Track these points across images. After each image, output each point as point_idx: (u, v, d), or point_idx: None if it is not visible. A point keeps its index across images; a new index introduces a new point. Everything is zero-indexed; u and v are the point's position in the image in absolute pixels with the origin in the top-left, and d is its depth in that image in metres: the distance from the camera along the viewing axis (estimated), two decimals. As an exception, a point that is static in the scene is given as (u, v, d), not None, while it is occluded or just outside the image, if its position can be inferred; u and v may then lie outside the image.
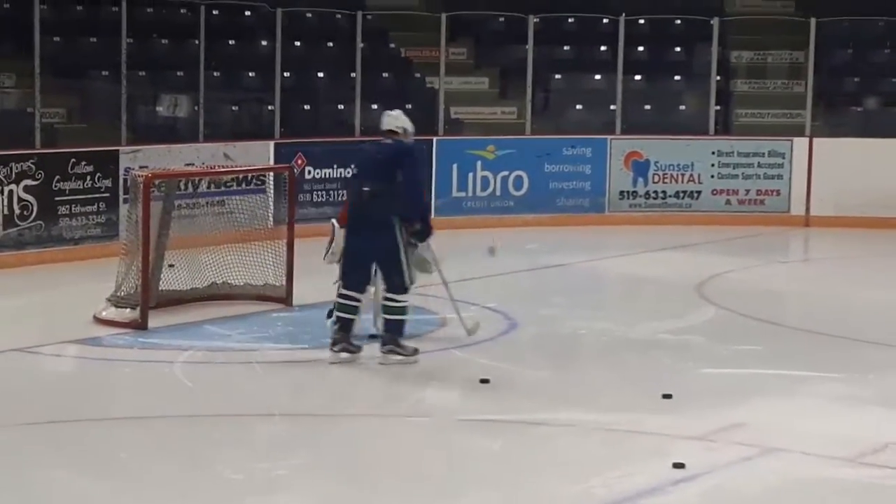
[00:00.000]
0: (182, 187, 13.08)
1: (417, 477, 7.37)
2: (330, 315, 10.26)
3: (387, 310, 9.86)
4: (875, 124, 18.68)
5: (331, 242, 10.32)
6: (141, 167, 13.53)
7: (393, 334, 9.89)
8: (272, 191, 13.14)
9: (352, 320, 9.89)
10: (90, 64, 17.06)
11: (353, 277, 9.89)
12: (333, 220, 10.41)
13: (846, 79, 19.83)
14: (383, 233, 9.73)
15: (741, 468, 7.59)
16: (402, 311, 9.87)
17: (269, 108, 16.96)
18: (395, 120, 10.27)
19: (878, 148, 17.41)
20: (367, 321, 10.38)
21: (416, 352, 9.91)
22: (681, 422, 8.38)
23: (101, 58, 16.77)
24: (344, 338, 9.89)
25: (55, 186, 13.86)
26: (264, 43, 17.68)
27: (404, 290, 9.83)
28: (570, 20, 20.35)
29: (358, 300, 9.89)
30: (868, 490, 7.26)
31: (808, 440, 7.99)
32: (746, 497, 7.15)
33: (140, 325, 10.78)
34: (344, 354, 9.88)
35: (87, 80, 17.00)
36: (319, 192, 16.14)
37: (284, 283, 11.80)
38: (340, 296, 9.92)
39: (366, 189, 9.78)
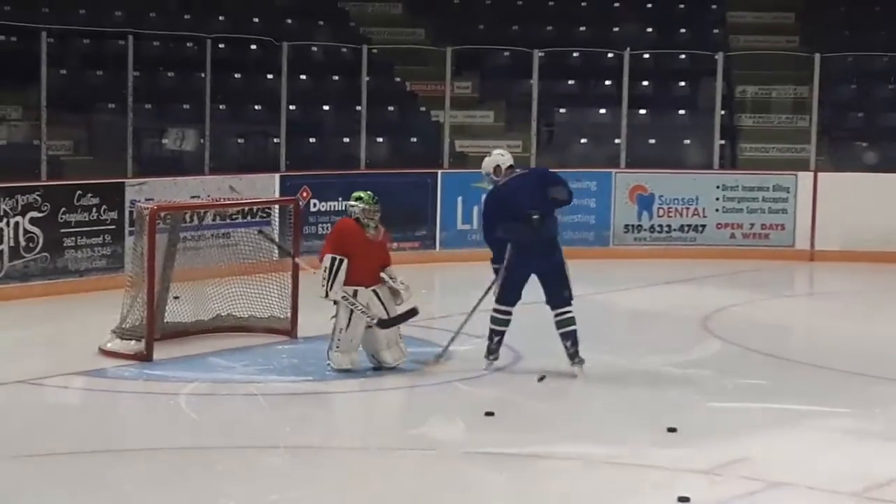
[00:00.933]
0: (187, 220, 13.10)
1: (422, 510, 7.36)
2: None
3: (567, 322, 10.66)
4: (880, 159, 18.70)
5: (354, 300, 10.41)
6: (147, 199, 13.56)
7: (576, 344, 10.61)
8: (277, 223, 13.15)
9: (504, 333, 10.79)
10: (96, 97, 17.11)
11: (513, 295, 10.77)
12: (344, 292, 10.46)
13: (850, 114, 19.87)
14: (555, 250, 10.76)
15: (746, 502, 7.57)
16: (574, 320, 10.67)
17: (275, 140, 17.00)
18: (506, 156, 11.23)
19: (883, 183, 17.42)
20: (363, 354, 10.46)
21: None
22: (686, 455, 8.36)
23: (108, 91, 16.83)
24: (497, 348, 10.77)
25: (61, 218, 13.89)
26: (270, 76, 17.73)
27: (571, 300, 10.71)
28: (574, 55, 20.42)
29: (511, 315, 10.79)
30: (874, 524, 7.24)
31: (814, 474, 7.97)
32: None
33: (145, 357, 10.78)
34: (495, 363, 10.76)
35: (94, 113, 17.06)
36: (324, 225, 16.14)
37: (289, 315, 11.80)
38: (496, 311, 10.80)
39: (535, 216, 10.61)
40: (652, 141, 19.15)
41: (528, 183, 10.87)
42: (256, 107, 18.27)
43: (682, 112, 19.79)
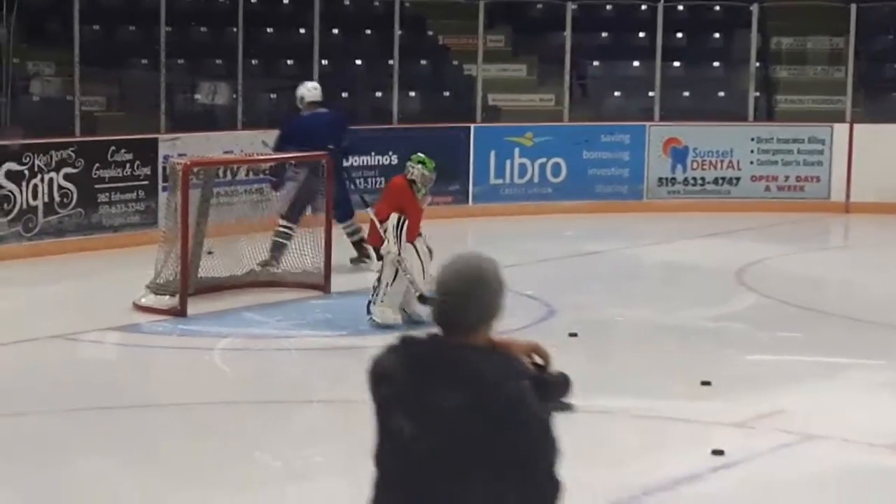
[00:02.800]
0: (221, 175, 13.11)
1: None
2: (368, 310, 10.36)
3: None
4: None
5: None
6: (180, 155, 13.56)
7: None
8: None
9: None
10: (129, 52, 17.13)
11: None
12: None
13: (887, 65, 19.69)
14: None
15: (781, 455, 7.56)
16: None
17: (307, 95, 16.96)
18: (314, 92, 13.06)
19: (919, 134, 17.28)
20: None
21: None
22: (720, 408, 8.34)
23: (140, 46, 16.83)
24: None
25: (95, 174, 13.91)
26: (302, 31, 17.69)
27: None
28: (608, 7, 20.29)
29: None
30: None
31: (849, 427, 7.94)
32: (786, 483, 7.12)
33: (179, 313, 10.82)
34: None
35: (127, 69, 17.07)
36: (357, 180, 16.14)
37: (322, 270, 11.81)
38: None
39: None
40: (686, 93, 19.03)
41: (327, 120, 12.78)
42: (289, 61, 18.24)
43: (716, 64, 19.66)
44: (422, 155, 10.70)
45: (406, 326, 10.42)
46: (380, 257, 10.57)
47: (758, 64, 18.35)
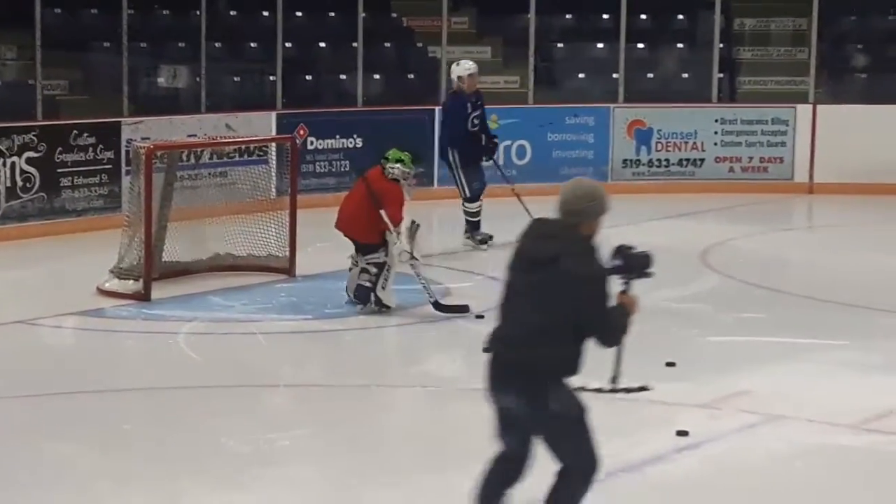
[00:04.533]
0: (184, 159, 13.05)
1: (423, 447, 7.38)
2: (361, 297, 10.43)
3: None
4: (879, 91, 18.61)
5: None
6: (143, 139, 13.49)
7: None
8: (274, 162, 13.11)
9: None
10: (91, 36, 16.99)
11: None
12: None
13: (849, 46, 19.74)
14: None
15: (745, 436, 7.60)
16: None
17: (271, 78, 16.92)
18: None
19: (881, 114, 17.35)
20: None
21: None
22: (685, 390, 8.37)
23: (103, 30, 16.70)
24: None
25: (57, 159, 13.83)
26: (265, 13, 17.61)
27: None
28: (572, -11, 20.28)
29: None
30: (872, 456, 7.26)
31: (813, 407, 7.99)
32: (750, 464, 7.15)
33: (143, 297, 10.78)
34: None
35: (89, 52, 16.94)
36: (322, 163, 16.12)
37: (287, 253, 11.79)
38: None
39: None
40: (650, 75, 19.04)
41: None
42: (252, 44, 18.15)
43: (680, 46, 19.67)
44: (396, 152, 10.67)
45: (361, 309, 10.41)
46: (370, 251, 10.50)
47: (721, 45, 18.39)
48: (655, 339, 9.77)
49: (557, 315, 5.40)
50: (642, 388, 6.72)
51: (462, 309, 10.55)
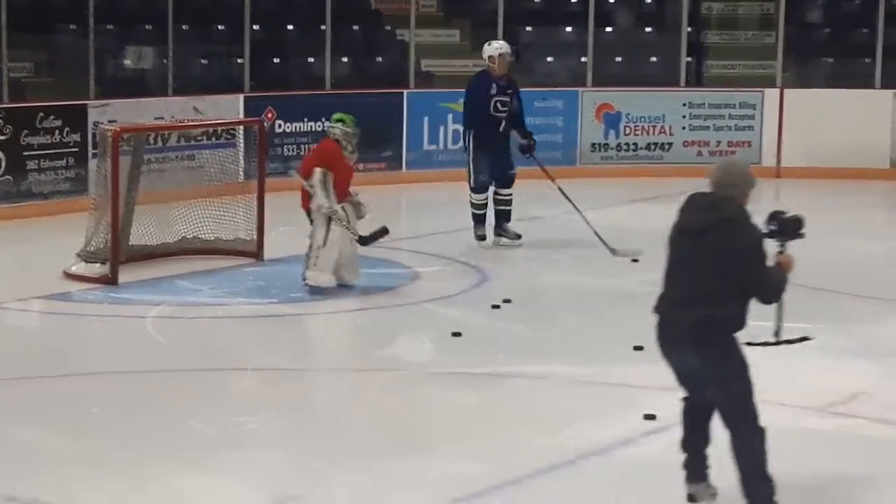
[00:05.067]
0: (151, 142, 13.01)
1: (390, 430, 7.38)
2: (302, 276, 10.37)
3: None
4: (845, 75, 18.69)
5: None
6: (110, 121, 13.42)
7: None
8: (242, 145, 13.07)
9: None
10: (58, 18, 16.88)
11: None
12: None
13: (816, 30, 19.81)
14: None
15: (713, 419, 7.60)
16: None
17: (239, 61, 16.86)
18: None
19: (848, 98, 17.43)
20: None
21: None
22: (653, 373, 8.33)
23: (69, 11, 16.60)
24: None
25: (23, 141, 13.75)
26: (233, -5, 17.54)
27: None
28: (540, -28, 20.29)
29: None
30: (838, 439, 7.31)
31: (780, 391, 8.00)
32: (717, 447, 7.17)
33: (110, 281, 10.73)
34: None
35: (55, 34, 16.84)
36: (290, 146, 16.06)
37: (255, 237, 11.75)
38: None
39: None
40: (618, 59, 19.05)
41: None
42: (220, 27, 18.08)
43: (648, 29, 19.69)
44: (339, 114, 10.70)
45: (333, 291, 10.41)
46: (311, 221, 10.50)
47: (689, 29, 18.42)
48: (623, 323, 9.80)
49: (723, 277, 6.00)
50: (803, 339, 7.35)
51: (384, 232, 10.60)
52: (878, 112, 17.20)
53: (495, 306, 10.07)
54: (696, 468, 6.39)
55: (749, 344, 6.41)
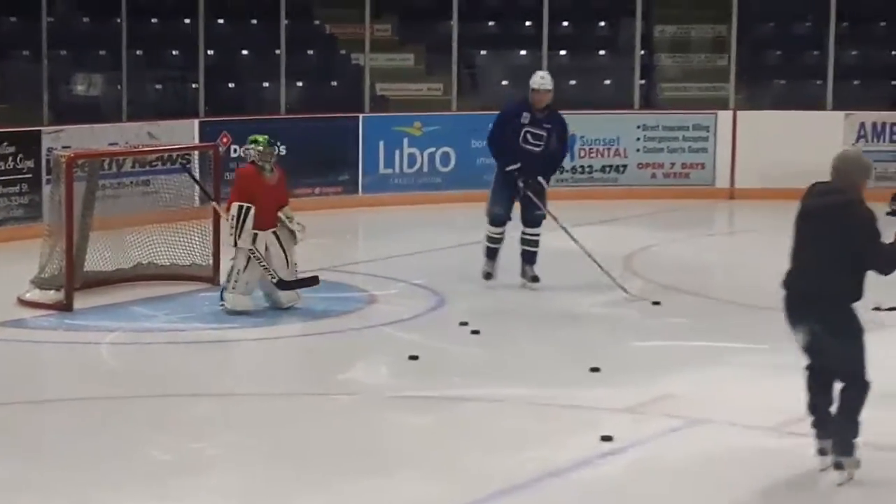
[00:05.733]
0: (106, 167, 12.96)
1: (348, 454, 7.37)
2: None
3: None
4: (797, 97, 18.84)
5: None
6: (64, 147, 13.37)
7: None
8: (197, 170, 13.04)
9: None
10: (10, 43, 16.83)
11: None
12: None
13: (769, 52, 19.98)
14: None
15: (669, 439, 7.66)
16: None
17: (194, 86, 16.84)
18: None
19: (801, 120, 17.55)
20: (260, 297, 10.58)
21: None
22: (609, 394, 8.43)
23: (22, 37, 16.55)
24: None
25: (-24, 168, 13.69)
26: (187, 21, 17.52)
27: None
28: (494, -4, 20.37)
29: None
30: (792, 458, 7.34)
31: (735, 410, 8.07)
32: (673, 467, 7.21)
33: (65, 307, 10.68)
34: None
35: (7, 60, 16.78)
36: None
37: (211, 262, 11.73)
38: None
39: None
40: (572, 82, 19.11)
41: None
42: (174, 52, 18.06)
43: (602, 53, 19.80)
44: (254, 135, 10.86)
45: (282, 316, 10.42)
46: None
47: (642, 52, 18.53)
48: (580, 345, 9.85)
49: (841, 253, 6.78)
50: None
51: (312, 281, 10.63)
52: (830, 133, 17.31)
53: (463, 323, 10.13)
54: (823, 425, 7.02)
55: (877, 308, 7.88)
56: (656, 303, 11.09)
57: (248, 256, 10.48)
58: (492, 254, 11.84)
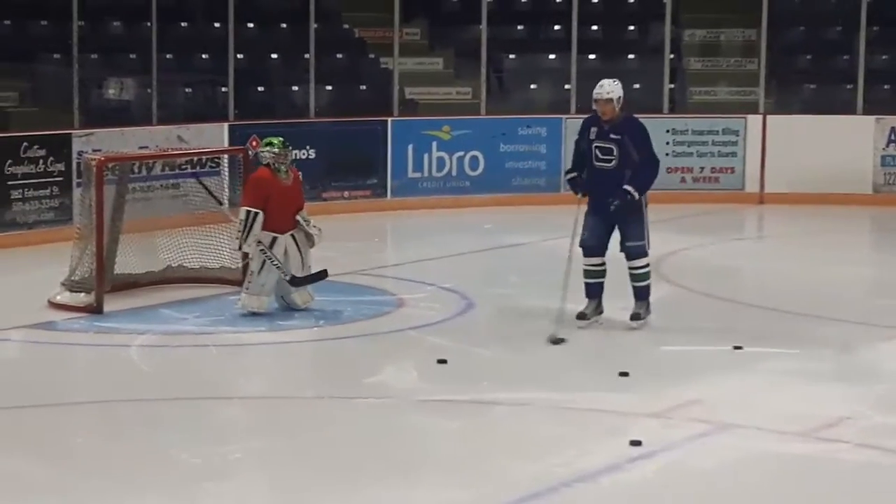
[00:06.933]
0: (136, 170, 13.00)
1: (376, 458, 7.38)
2: None
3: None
4: (827, 101, 18.78)
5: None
6: (94, 150, 13.44)
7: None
8: (227, 173, 13.09)
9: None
10: (41, 47, 16.92)
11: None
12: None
13: (798, 56, 19.92)
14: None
15: (697, 444, 7.64)
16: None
17: (223, 90, 16.89)
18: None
19: (830, 124, 17.50)
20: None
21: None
22: (637, 399, 8.41)
23: (53, 41, 16.64)
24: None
25: (7, 171, 13.75)
26: (217, 25, 17.59)
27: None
28: (523, 0, 20.36)
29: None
30: (820, 464, 7.33)
31: (763, 416, 8.05)
32: (702, 472, 7.19)
33: (95, 310, 10.73)
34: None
35: (39, 64, 16.87)
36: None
37: (240, 265, 11.75)
38: None
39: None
40: (602, 86, 19.10)
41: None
42: (204, 56, 18.12)
43: (631, 56, 19.78)
44: (269, 138, 10.92)
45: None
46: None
47: (672, 56, 18.50)
48: (608, 350, 9.84)
49: None
50: None
51: (322, 275, 10.64)
52: (860, 138, 17.28)
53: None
54: None
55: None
56: (558, 341, 9.92)
57: (262, 259, 10.52)
58: (589, 290, 10.54)
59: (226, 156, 13.79)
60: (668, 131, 17.61)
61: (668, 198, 17.26)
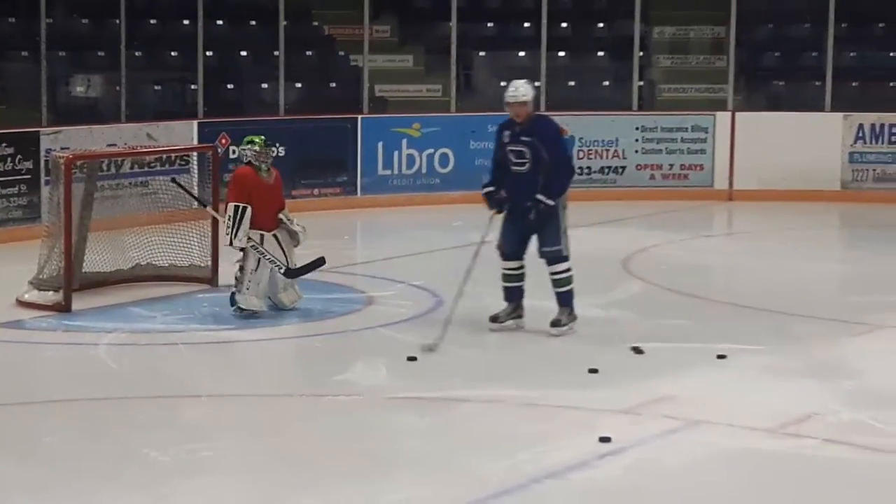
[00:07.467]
0: (104, 168, 12.95)
1: (346, 456, 7.37)
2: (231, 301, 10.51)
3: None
4: (796, 98, 18.86)
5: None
6: (62, 148, 13.39)
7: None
8: (196, 171, 13.06)
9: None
10: (9, 44, 16.85)
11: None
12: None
13: (767, 53, 20.00)
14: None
15: (667, 441, 7.65)
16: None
17: (192, 87, 16.85)
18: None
19: (798, 121, 17.59)
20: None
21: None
22: (607, 396, 8.43)
23: (20, 38, 16.57)
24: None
25: (-25, 169, 13.71)
26: (186, 22, 17.54)
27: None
28: (492, -3, 20.41)
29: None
30: (790, 460, 7.35)
31: (733, 412, 8.07)
32: (671, 469, 7.21)
33: (63, 308, 10.68)
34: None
35: (6, 61, 16.80)
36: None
37: (209, 263, 11.73)
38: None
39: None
40: (571, 83, 19.17)
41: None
42: (173, 53, 18.08)
43: (600, 54, 19.83)
44: (250, 136, 10.82)
45: (271, 313, 10.44)
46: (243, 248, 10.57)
47: (641, 53, 18.54)
48: (578, 346, 9.85)
49: None
50: None
51: (318, 263, 10.62)
52: (828, 135, 17.37)
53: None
54: None
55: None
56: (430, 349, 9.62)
57: (257, 257, 10.46)
58: (506, 294, 10.39)
59: (195, 153, 13.77)
60: (637, 128, 17.67)
61: (638, 195, 17.37)
